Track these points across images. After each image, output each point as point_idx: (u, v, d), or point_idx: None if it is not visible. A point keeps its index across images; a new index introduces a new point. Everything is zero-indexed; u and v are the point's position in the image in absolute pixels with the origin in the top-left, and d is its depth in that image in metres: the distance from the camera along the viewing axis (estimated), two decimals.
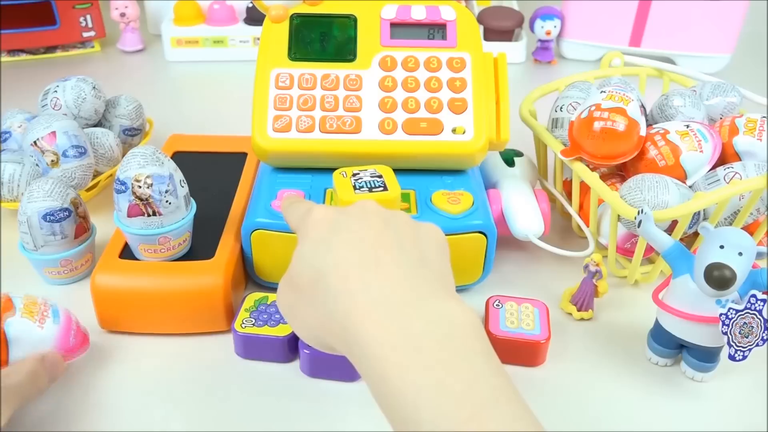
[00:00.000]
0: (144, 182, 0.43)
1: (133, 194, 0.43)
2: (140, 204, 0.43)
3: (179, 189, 0.45)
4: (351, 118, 0.51)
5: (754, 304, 0.40)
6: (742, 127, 0.52)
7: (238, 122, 0.62)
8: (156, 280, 0.46)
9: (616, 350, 0.47)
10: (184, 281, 0.46)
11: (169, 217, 0.44)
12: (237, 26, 0.95)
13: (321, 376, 0.44)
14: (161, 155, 0.44)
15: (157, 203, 0.43)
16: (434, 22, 0.53)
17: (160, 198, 0.43)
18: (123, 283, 0.46)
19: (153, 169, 0.43)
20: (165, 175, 0.43)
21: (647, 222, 0.44)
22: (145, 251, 0.46)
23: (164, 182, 0.43)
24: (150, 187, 0.43)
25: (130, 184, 0.43)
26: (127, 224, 0.44)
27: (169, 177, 0.44)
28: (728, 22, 0.90)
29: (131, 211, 0.43)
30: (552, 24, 0.94)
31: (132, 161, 0.43)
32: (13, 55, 0.95)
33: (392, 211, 0.35)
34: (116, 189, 0.44)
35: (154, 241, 0.45)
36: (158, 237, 0.45)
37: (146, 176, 0.43)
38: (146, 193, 0.43)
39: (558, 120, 0.57)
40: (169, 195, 0.44)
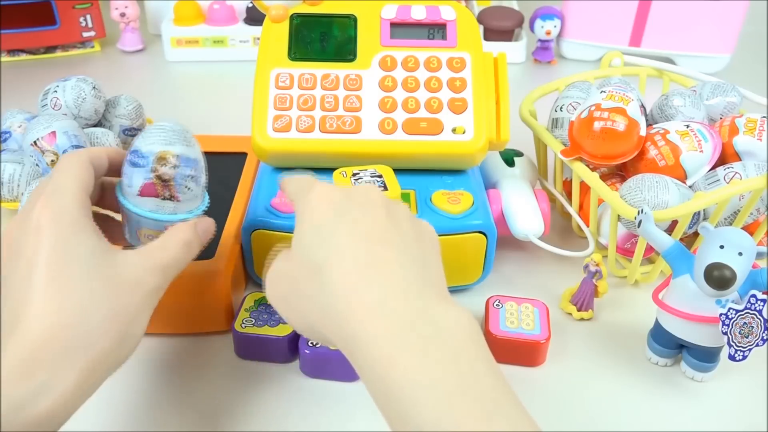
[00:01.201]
0: (169, 162, 0.37)
1: (153, 172, 0.37)
2: (158, 185, 0.37)
3: (202, 176, 0.39)
4: (351, 118, 0.51)
5: (754, 304, 0.40)
6: (742, 127, 0.52)
7: (238, 122, 0.62)
8: None
9: (616, 350, 0.47)
10: (183, 281, 0.46)
11: (185, 204, 0.39)
12: (237, 26, 0.95)
13: (321, 376, 0.44)
14: (190, 135, 0.39)
15: (177, 187, 0.38)
16: (434, 22, 0.53)
17: (182, 183, 0.38)
18: None
19: (181, 149, 0.38)
20: (192, 158, 0.38)
21: (647, 222, 0.44)
22: (144, 236, 0.40)
23: (191, 166, 0.38)
24: (175, 168, 0.37)
25: (151, 160, 0.37)
26: (134, 203, 0.38)
27: (195, 161, 0.38)
28: (728, 22, 0.90)
29: (145, 190, 0.37)
30: (552, 24, 0.94)
31: (158, 134, 0.38)
32: (13, 55, 0.95)
33: (394, 202, 0.35)
34: (131, 161, 0.37)
35: (160, 228, 0.39)
36: (166, 224, 0.39)
37: (173, 155, 0.37)
38: (169, 174, 0.37)
39: (558, 120, 0.57)
40: (192, 181, 0.38)
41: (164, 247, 0.36)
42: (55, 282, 0.31)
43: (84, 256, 0.33)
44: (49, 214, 0.33)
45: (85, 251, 0.33)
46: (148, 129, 0.38)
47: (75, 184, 0.34)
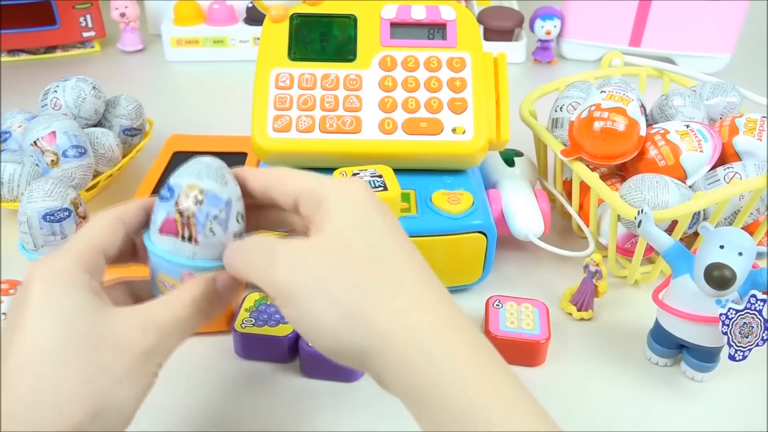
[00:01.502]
0: (194, 196, 0.32)
1: (176, 206, 0.33)
2: (179, 221, 0.32)
3: (232, 223, 0.33)
4: (351, 118, 0.51)
5: (754, 304, 0.40)
6: (742, 127, 0.52)
7: (238, 122, 0.62)
8: None
9: (616, 350, 0.47)
10: None
11: (205, 250, 0.33)
12: (237, 26, 0.95)
13: (321, 376, 0.44)
14: (229, 175, 0.34)
15: (198, 227, 0.32)
16: (434, 22, 0.53)
17: (205, 222, 0.32)
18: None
19: (210, 185, 0.33)
20: (222, 197, 0.33)
21: (647, 222, 0.44)
22: (161, 284, 0.34)
23: (218, 205, 0.33)
24: (198, 204, 0.32)
25: (177, 193, 0.33)
26: (154, 241, 0.33)
27: (226, 202, 0.33)
28: (728, 22, 0.90)
29: (165, 226, 0.33)
30: (552, 24, 0.94)
31: (191, 168, 0.34)
32: (13, 55, 0.95)
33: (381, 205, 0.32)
34: (160, 195, 0.34)
35: (176, 274, 0.33)
36: (183, 271, 0.33)
37: (199, 189, 0.32)
38: (191, 209, 0.32)
39: (558, 120, 0.57)
40: (217, 223, 0.33)
41: (166, 302, 0.31)
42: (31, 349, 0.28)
43: (65, 315, 0.29)
44: (41, 270, 0.30)
45: (67, 308, 0.29)
46: (187, 163, 0.34)
47: (84, 242, 0.32)
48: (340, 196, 0.31)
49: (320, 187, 0.32)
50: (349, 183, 0.32)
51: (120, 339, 0.29)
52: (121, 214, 0.34)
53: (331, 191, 0.31)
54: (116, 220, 0.33)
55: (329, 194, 0.31)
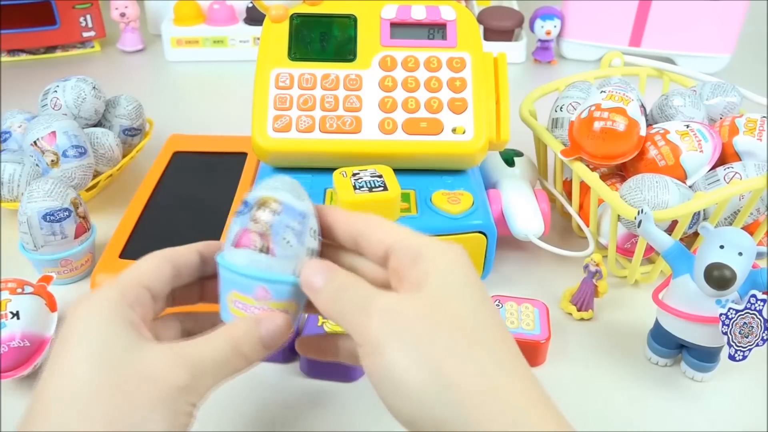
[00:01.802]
0: (270, 207, 0.32)
1: (252, 217, 0.32)
2: (254, 232, 0.32)
3: (308, 237, 0.33)
4: (351, 118, 0.51)
5: (754, 304, 0.40)
6: (742, 127, 0.52)
7: (238, 122, 0.62)
8: None
9: (616, 350, 0.47)
10: None
11: (281, 262, 0.32)
12: (237, 26, 0.95)
13: (321, 376, 0.44)
14: (303, 191, 0.34)
15: (274, 237, 0.32)
16: (434, 22, 0.53)
17: (281, 233, 0.32)
18: None
19: (286, 197, 0.32)
20: (298, 209, 0.32)
21: (647, 222, 0.44)
22: (233, 304, 0.33)
23: (294, 217, 0.32)
24: (275, 215, 0.32)
25: (253, 205, 0.32)
26: (228, 256, 0.32)
27: (302, 214, 0.32)
28: (728, 22, 0.90)
29: (240, 239, 0.32)
30: (552, 24, 0.94)
31: (266, 183, 0.33)
32: (13, 55, 0.95)
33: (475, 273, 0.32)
34: (236, 211, 0.33)
35: (249, 291, 0.32)
36: (257, 286, 0.32)
37: (276, 201, 0.32)
38: (268, 219, 0.32)
39: (558, 120, 0.57)
40: (293, 234, 0.32)
41: (205, 340, 0.31)
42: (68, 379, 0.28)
43: (98, 348, 0.29)
44: (85, 304, 0.30)
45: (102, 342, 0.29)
46: (263, 181, 0.34)
47: (128, 277, 0.32)
48: (441, 258, 0.31)
49: (418, 244, 0.31)
50: (449, 246, 0.31)
51: (150, 374, 0.29)
52: (170, 255, 0.34)
53: (430, 250, 0.31)
54: (164, 260, 0.33)
55: (428, 253, 0.31)
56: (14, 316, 0.42)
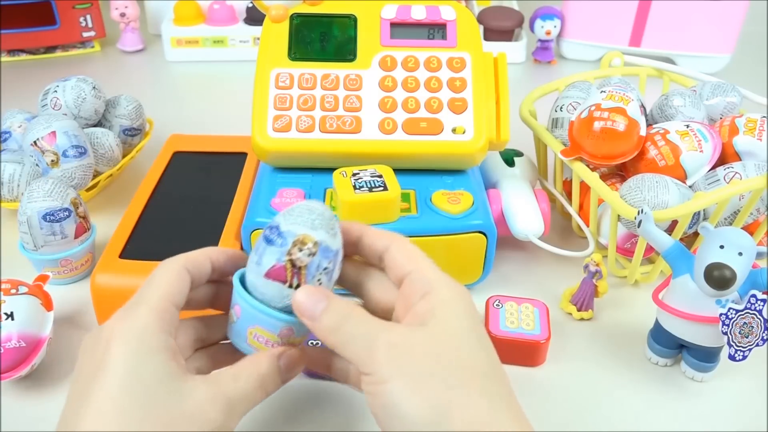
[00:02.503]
0: (308, 248, 0.32)
1: (288, 255, 0.32)
2: (290, 270, 0.32)
3: (336, 272, 0.34)
4: (351, 118, 0.51)
5: (754, 304, 0.40)
6: (742, 127, 0.52)
7: (238, 122, 0.62)
8: None
9: (616, 350, 0.47)
10: None
11: None
12: (237, 26, 0.95)
13: (321, 377, 0.44)
14: (336, 223, 0.34)
15: (308, 277, 0.33)
16: (434, 22, 0.53)
17: (315, 274, 0.33)
18: (123, 283, 0.46)
19: (324, 237, 0.33)
20: (333, 249, 0.33)
21: (647, 222, 0.44)
22: (252, 337, 0.34)
23: (328, 258, 0.33)
24: (311, 256, 0.32)
25: (289, 242, 0.32)
26: (256, 283, 0.33)
27: (334, 253, 0.34)
28: (728, 22, 0.90)
29: (273, 273, 0.32)
30: (552, 24, 0.94)
31: (303, 215, 0.33)
32: (13, 55, 0.95)
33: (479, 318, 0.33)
34: (267, 237, 0.33)
35: (275, 330, 0.33)
36: (284, 327, 0.33)
37: (313, 242, 0.33)
38: (304, 261, 0.32)
39: (558, 120, 0.57)
40: (325, 275, 0.33)
41: (236, 376, 0.32)
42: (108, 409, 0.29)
43: (147, 383, 0.29)
44: (122, 328, 0.31)
45: (151, 377, 0.30)
46: (295, 207, 0.34)
47: (157, 295, 0.32)
48: (448, 298, 0.32)
49: (430, 280, 0.33)
50: (456, 287, 0.33)
51: (192, 414, 0.30)
52: (187, 264, 0.34)
53: (441, 287, 0.32)
54: (183, 269, 0.34)
55: (439, 289, 0.32)
56: (8, 317, 0.42)
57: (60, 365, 0.45)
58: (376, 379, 0.30)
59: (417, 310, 0.32)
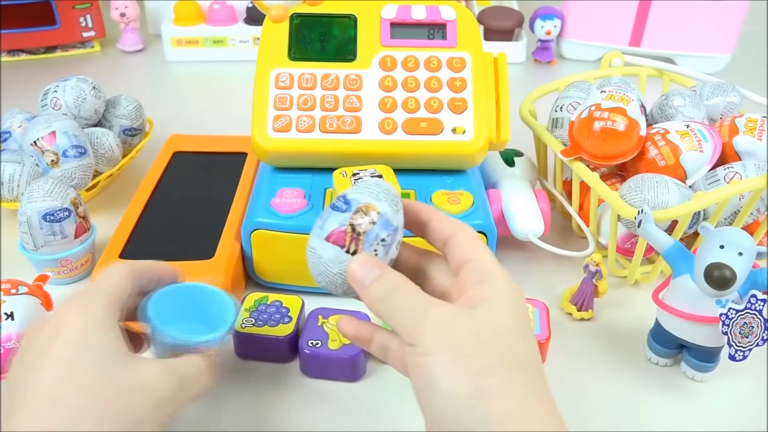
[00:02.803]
0: (370, 215, 0.34)
1: (351, 219, 0.34)
2: (349, 234, 0.33)
3: (393, 249, 0.34)
4: (351, 117, 0.51)
5: (754, 304, 0.40)
6: (742, 127, 0.52)
7: (238, 122, 0.62)
8: None
9: (616, 350, 0.47)
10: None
11: None
12: (237, 26, 0.95)
13: (321, 376, 0.44)
14: (400, 203, 0.35)
15: (365, 245, 0.33)
16: (434, 22, 0.53)
17: (373, 242, 0.33)
18: None
19: (387, 209, 0.34)
20: (393, 224, 0.34)
21: (647, 222, 0.44)
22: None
23: (388, 229, 0.34)
24: (372, 224, 0.33)
25: (354, 207, 0.34)
26: (316, 246, 0.34)
27: (395, 229, 0.34)
28: (728, 22, 0.90)
29: (334, 236, 0.34)
30: (552, 24, 0.94)
31: (371, 188, 0.35)
32: (13, 55, 0.95)
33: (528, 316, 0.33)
34: (334, 205, 0.35)
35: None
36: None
37: (376, 211, 0.34)
38: (364, 227, 0.33)
39: (558, 120, 0.57)
40: (382, 246, 0.34)
41: (188, 358, 0.34)
42: (56, 381, 0.29)
43: (97, 356, 0.31)
44: (74, 308, 0.32)
45: (100, 350, 0.31)
46: (364, 181, 0.36)
47: (109, 286, 0.34)
48: (502, 288, 0.33)
49: (489, 269, 0.33)
50: (514, 283, 0.33)
51: (143, 383, 0.31)
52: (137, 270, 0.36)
53: (497, 278, 0.33)
54: (133, 273, 0.36)
55: (494, 280, 0.33)
56: (8, 317, 0.42)
57: None
58: (420, 350, 0.30)
59: (470, 294, 0.33)
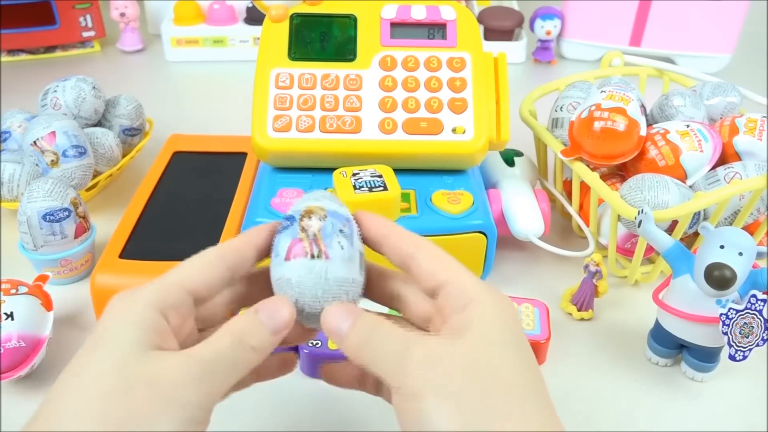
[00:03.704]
0: (316, 213, 0.32)
1: (300, 227, 0.32)
2: (305, 239, 0.31)
3: (356, 241, 0.32)
4: (351, 117, 0.51)
5: (755, 304, 0.40)
6: (743, 127, 0.52)
7: (238, 122, 0.62)
8: None
9: (616, 350, 0.47)
10: None
11: (338, 266, 0.31)
12: (237, 26, 0.95)
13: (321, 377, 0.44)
14: (339, 201, 0.34)
15: (326, 240, 0.31)
16: (434, 21, 0.53)
17: (332, 235, 0.31)
18: (123, 282, 0.46)
19: (330, 204, 0.33)
20: (344, 215, 0.33)
21: (647, 222, 0.44)
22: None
23: (341, 220, 0.32)
24: (322, 220, 0.32)
25: (297, 218, 0.32)
26: (282, 272, 0.31)
27: (347, 219, 0.33)
28: (728, 22, 0.90)
29: (292, 251, 0.31)
30: (552, 24, 0.94)
31: (305, 197, 0.34)
32: (13, 55, 0.95)
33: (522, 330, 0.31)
34: (279, 229, 0.33)
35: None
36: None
37: (320, 208, 0.32)
38: (317, 225, 0.31)
39: (558, 120, 0.57)
40: (344, 238, 0.32)
41: (210, 339, 0.29)
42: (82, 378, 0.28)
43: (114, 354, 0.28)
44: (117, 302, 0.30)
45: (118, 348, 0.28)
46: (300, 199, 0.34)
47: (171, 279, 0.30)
48: (489, 308, 0.30)
49: (472, 290, 0.31)
50: (499, 297, 0.31)
51: (157, 378, 0.27)
52: (224, 252, 0.32)
53: (480, 297, 0.30)
54: (217, 258, 0.32)
55: (481, 301, 0.30)
56: (8, 317, 0.42)
57: (60, 365, 0.45)
58: (407, 393, 0.28)
59: (454, 321, 0.30)
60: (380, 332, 0.30)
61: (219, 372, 0.28)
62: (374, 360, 0.29)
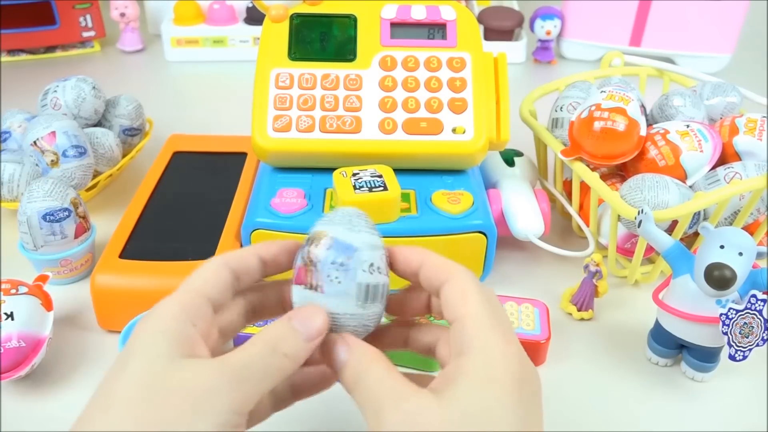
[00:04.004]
0: (320, 243, 0.30)
1: (305, 255, 0.31)
2: (305, 269, 0.31)
3: (360, 274, 0.30)
4: (351, 117, 0.51)
5: (755, 304, 0.40)
6: (743, 127, 0.52)
7: (238, 122, 0.62)
8: (156, 280, 0.46)
9: (616, 350, 0.47)
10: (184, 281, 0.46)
11: (334, 300, 0.30)
12: (237, 26, 0.95)
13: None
14: (362, 220, 0.32)
15: (320, 274, 0.30)
16: (434, 21, 0.53)
17: (327, 270, 0.30)
18: (123, 283, 0.46)
19: (339, 232, 0.31)
20: (352, 245, 0.30)
21: (647, 222, 0.44)
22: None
23: (345, 253, 0.30)
24: (323, 251, 0.30)
25: (308, 241, 0.31)
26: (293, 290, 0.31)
27: (355, 250, 0.30)
28: (728, 22, 0.90)
29: (297, 276, 0.31)
30: (552, 24, 0.94)
31: (328, 216, 0.32)
32: (13, 55, 0.95)
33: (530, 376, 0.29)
34: (303, 243, 0.32)
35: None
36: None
37: (327, 236, 0.31)
38: (315, 255, 0.30)
39: (558, 120, 0.57)
40: (342, 271, 0.30)
41: (243, 347, 0.29)
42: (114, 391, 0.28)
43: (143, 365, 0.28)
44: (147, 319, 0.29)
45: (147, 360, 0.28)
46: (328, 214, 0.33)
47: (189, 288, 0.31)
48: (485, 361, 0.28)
49: (473, 337, 0.29)
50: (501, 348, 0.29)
51: (189, 385, 0.27)
52: (229, 259, 0.32)
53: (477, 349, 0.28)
54: (222, 265, 0.32)
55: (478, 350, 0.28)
56: (8, 317, 0.42)
57: (60, 365, 0.45)
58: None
59: (447, 370, 0.29)
60: (373, 372, 0.29)
61: (251, 378, 0.28)
62: (361, 401, 0.29)
